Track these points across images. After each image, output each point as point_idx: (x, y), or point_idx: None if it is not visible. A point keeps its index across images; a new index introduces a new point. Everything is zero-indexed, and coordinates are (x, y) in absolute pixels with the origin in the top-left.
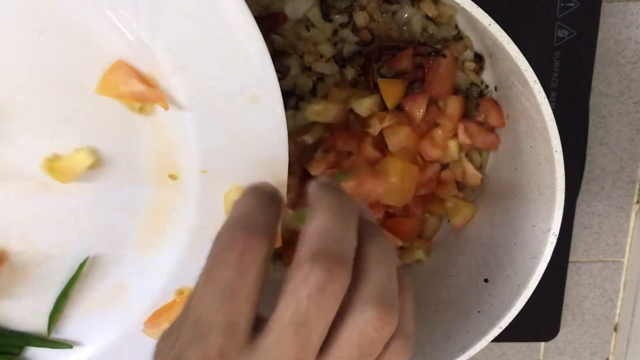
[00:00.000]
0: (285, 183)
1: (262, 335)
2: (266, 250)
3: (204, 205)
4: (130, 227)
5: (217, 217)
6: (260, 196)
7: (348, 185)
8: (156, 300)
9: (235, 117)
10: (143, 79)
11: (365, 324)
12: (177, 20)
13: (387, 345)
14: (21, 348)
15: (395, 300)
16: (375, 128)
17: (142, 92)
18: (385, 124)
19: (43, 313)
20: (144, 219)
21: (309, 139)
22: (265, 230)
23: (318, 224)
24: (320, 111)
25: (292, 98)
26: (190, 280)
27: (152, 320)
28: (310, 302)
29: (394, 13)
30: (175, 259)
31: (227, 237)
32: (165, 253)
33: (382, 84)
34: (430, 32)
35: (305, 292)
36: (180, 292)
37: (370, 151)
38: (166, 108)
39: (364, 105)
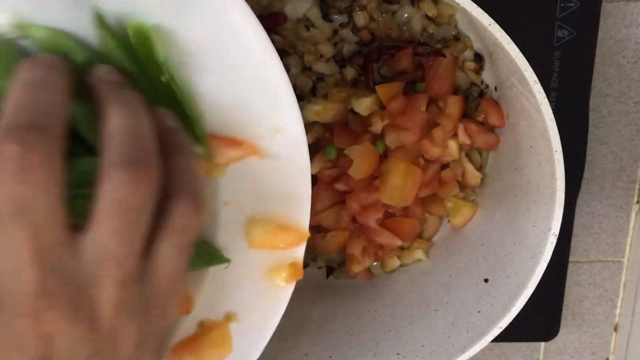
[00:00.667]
0: (308, 215)
1: (85, 230)
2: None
3: (225, 238)
4: None
5: (239, 249)
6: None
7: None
8: (179, 332)
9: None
10: (231, 142)
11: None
12: (196, 52)
13: (167, 209)
14: None
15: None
16: (377, 126)
17: (238, 153)
18: (387, 122)
19: None
20: None
21: (308, 138)
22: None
23: (119, 125)
24: (319, 111)
25: None
26: (213, 313)
27: (175, 353)
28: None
29: (394, 13)
30: (199, 291)
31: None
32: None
33: (379, 89)
34: (430, 31)
35: (116, 202)
36: (201, 324)
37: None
38: (264, 156)
39: (364, 105)
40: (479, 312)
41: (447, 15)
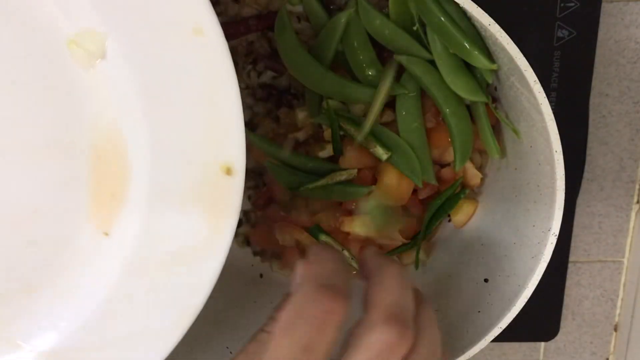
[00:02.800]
0: (242, 124)
1: None
2: (345, 312)
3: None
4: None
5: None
6: (336, 260)
7: None
8: None
9: (178, 54)
10: None
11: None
12: None
13: None
14: None
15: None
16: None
17: None
18: (385, 119)
19: None
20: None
21: (301, 136)
22: (346, 294)
23: (387, 291)
24: None
25: (287, 96)
26: None
27: None
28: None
29: None
30: None
31: (311, 293)
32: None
33: None
34: None
35: (377, 350)
36: None
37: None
38: None
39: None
40: (479, 312)
41: None
